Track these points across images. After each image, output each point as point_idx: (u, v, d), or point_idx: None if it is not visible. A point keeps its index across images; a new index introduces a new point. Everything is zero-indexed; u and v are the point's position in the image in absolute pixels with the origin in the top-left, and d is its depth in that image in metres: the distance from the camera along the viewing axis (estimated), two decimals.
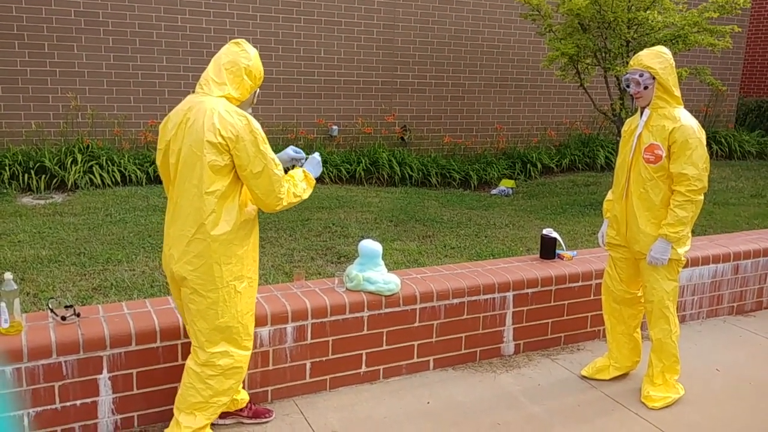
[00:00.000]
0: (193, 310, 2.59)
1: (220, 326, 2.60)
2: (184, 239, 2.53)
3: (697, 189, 3.13)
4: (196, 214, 2.51)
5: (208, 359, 2.62)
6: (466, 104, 10.33)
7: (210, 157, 2.46)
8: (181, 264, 2.55)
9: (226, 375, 2.66)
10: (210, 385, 2.64)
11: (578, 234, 6.41)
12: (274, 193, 2.56)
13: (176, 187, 2.56)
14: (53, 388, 2.75)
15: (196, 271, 2.54)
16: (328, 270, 5.00)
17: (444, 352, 3.68)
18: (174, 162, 2.56)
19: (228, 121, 2.46)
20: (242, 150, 2.47)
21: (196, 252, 2.52)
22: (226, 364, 2.64)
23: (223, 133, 2.45)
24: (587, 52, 8.03)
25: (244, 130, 2.47)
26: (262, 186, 2.53)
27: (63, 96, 8.02)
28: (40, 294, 4.25)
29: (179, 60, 8.48)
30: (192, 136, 2.48)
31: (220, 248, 2.53)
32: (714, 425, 3.20)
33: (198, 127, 2.46)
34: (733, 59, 12.54)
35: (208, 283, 2.55)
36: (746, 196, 8.62)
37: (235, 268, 2.59)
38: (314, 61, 9.18)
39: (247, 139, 2.48)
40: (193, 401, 2.64)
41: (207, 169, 2.46)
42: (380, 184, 8.67)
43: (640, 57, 3.19)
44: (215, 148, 2.46)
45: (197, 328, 2.61)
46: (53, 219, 6.13)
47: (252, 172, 2.50)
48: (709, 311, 4.59)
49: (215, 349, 2.62)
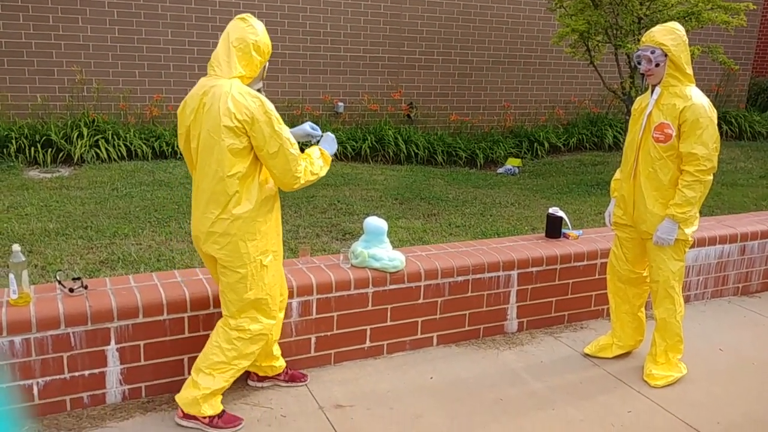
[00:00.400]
0: (224, 283, 2.72)
1: (249, 298, 2.71)
2: (208, 221, 2.63)
3: (706, 169, 3.10)
4: (218, 197, 2.59)
5: (238, 324, 2.74)
6: (474, 81, 10.24)
7: (228, 141, 2.52)
8: (208, 244, 2.67)
9: (253, 340, 2.77)
10: (236, 347, 2.74)
11: (584, 213, 6.39)
12: (290, 171, 2.62)
13: (198, 171, 2.65)
14: (62, 358, 2.78)
15: (223, 250, 2.64)
16: (333, 246, 5.02)
17: (448, 328, 3.70)
18: (195, 146, 2.64)
19: (242, 103, 2.50)
20: (258, 131, 2.52)
21: (221, 231, 2.62)
22: (255, 330, 2.76)
23: (238, 117, 2.50)
24: (598, 28, 7.91)
25: (258, 111, 2.52)
26: (279, 165, 2.59)
27: (68, 69, 7.99)
28: (47, 266, 4.29)
29: (184, 34, 8.41)
30: (209, 121, 2.53)
31: (243, 225, 2.62)
32: (715, 404, 3.22)
33: (214, 112, 2.51)
34: (747, 38, 12.35)
35: (236, 259, 2.65)
36: (755, 177, 8.56)
37: (260, 243, 2.68)
38: (320, 36, 9.10)
39: (262, 120, 2.52)
40: (216, 360, 2.73)
41: (227, 153, 2.53)
42: (386, 162, 8.64)
43: (652, 33, 3.14)
44: (232, 131, 2.51)
45: (228, 299, 2.73)
46: (60, 192, 6.15)
47: (269, 152, 2.56)
48: (714, 291, 4.59)
49: (245, 315, 2.74)
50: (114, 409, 2.91)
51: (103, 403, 2.92)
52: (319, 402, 3.08)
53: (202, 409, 2.74)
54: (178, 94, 8.52)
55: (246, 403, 3.03)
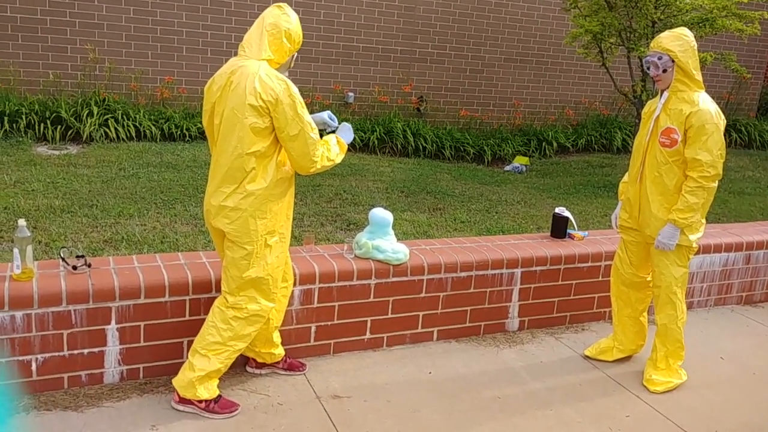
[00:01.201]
0: (229, 258, 2.74)
1: (250, 276, 2.72)
2: (222, 195, 2.66)
3: (710, 176, 3.08)
4: (235, 173, 2.63)
5: (236, 302, 2.75)
6: (485, 78, 10.19)
7: (251, 120, 2.57)
8: (219, 218, 2.69)
9: (249, 321, 2.78)
10: (232, 327, 2.75)
11: (590, 215, 6.37)
12: (308, 155, 2.67)
13: (218, 147, 2.68)
14: (62, 335, 2.79)
15: (233, 224, 2.66)
16: (338, 236, 5.01)
17: (448, 324, 3.70)
18: (218, 123, 2.67)
19: (268, 84, 2.56)
20: (281, 113, 2.58)
21: (232, 206, 2.65)
22: (252, 310, 2.77)
23: (263, 97, 2.55)
24: (612, 30, 7.86)
25: (283, 93, 2.57)
26: (297, 148, 2.64)
27: (81, 47, 7.98)
28: (51, 243, 4.29)
29: (198, 17, 8.39)
30: (235, 99, 2.58)
31: (255, 202, 2.65)
32: (714, 412, 3.21)
33: (240, 90, 2.57)
34: (760, 47, 12.25)
35: (244, 235, 2.68)
36: (763, 186, 8.51)
37: (270, 222, 2.71)
38: (334, 26, 9.06)
39: (286, 103, 2.58)
40: (212, 341, 2.74)
41: (248, 131, 2.58)
42: (393, 154, 8.62)
43: (660, 39, 3.13)
44: (256, 110, 2.57)
45: (230, 274, 2.75)
46: (67, 170, 6.16)
47: (289, 135, 2.61)
48: (717, 299, 4.57)
49: (244, 293, 2.75)
50: (111, 389, 2.91)
51: (101, 382, 2.93)
52: (316, 392, 3.09)
53: (198, 392, 2.75)
54: (190, 77, 8.51)
55: (243, 389, 3.03)
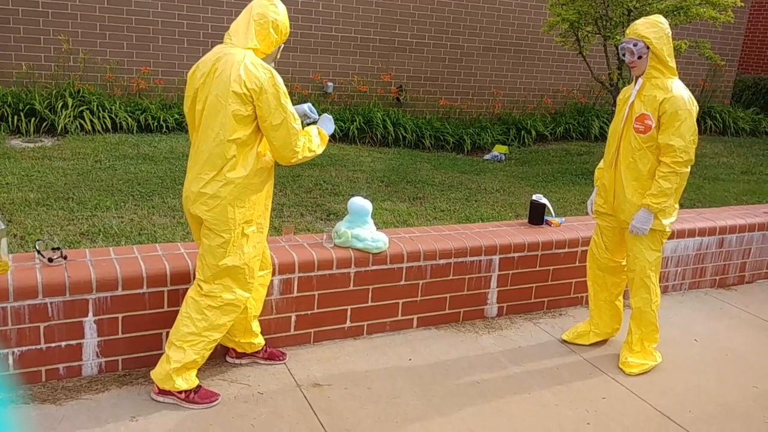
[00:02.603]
0: (205, 245, 2.73)
1: (226, 264, 2.72)
2: (201, 182, 2.66)
3: (682, 161, 3.14)
4: (216, 159, 2.63)
5: (211, 290, 2.74)
6: (464, 67, 10.21)
7: (234, 107, 2.58)
8: (197, 205, 2.68)
9: (224, 310, 2.77)
10: (206, 317, 2.74)
11: (568, 202, 6.44)
12: (290, 145, 2.68)
13: (200, 133, 2.68)
14: (38, 328, 2.77)
15: (211, 212, 2.66)
16: (317, 226, 5.01)
17: (428, 311, 3.73)
18: (200, 109, 2.68)
19: (253, 73, 2.57)
20: (264, 102, 2.59)
21: (211, 193, 2.65)
22: (227, 299, 2.76)
23: (248, 85, 2.56)
24: (588, 19, 7.92)
25: (268, 83, 2.58)
26: (279, 138, 2.65)
27: (55, 38, 7.84)
28: (27, 237, 4.24)
29: (174, 7, 8.28)
30: (219, 86, 2.59)
31: (235, 191, 2.65)
32: (688, 393, 3.29)
33: (225, 77, 2.58)
34: (734, 34, 12.42)
35: (222, 223, 2.68)
36: (737, 172, 8.66)
37: (248, 212, 2.72)
38: (312, 16, 9.01)
39: (270, 92, 2.59)
40: (186, 331, 2.73)
41: (230, 118, 2.59)
42: (373, 144, 8.62)
43: (635, 26, 3.17)
44: (239, 98, 2.57)
45: (205, 262, 2.74)
46: (42, 163, 6.07)
47: (272, 124, 2.62)
48: (692, 283, 4.66)
49: (219, 281, 2.74)
50: (90, 381, 2.90)
51: (79, 375, 2.91)
52: (297, 380, 3.10)
53: (176, 383, 2.74)
54: (166, 67, 8.41)
55: (223, 379, 3.04)
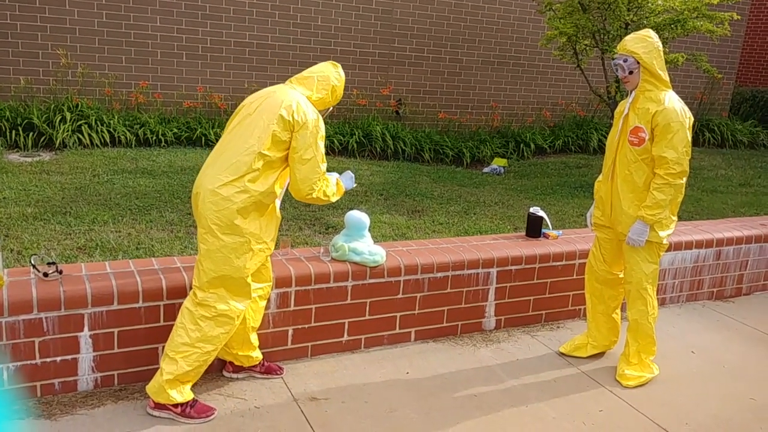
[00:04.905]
0: (203, 250, 2.75)
1: (224, 271, 2.73)
2: (218, 181, 2.72)
3: (676, 173, 3.15)
4: (240, 166, 2.72)
5: (205, 298, 2.75)
6: (463, 80, 10.26)
7: (275, 128, 2.75)
8: (206, 203, 2.72)
9: (218, 321, 2.77)
10: (200, 327, 2.74)
11: (566, 215, 6.44)
12: (310, 182, 2.84)
13: (230, 140, 2.79)
14: (33, 343, 2.76)
15: (219, 212, 2.70)
16: (316, 240, 5.01)
17: (426, 324, 3.72)
18: (240, 119, 2.83)
19: (303, 108, 2.81)
20: (302, 136, 2.78)
21: (225, 195, 2.70)
22: (221, 309, 2.76)
23: (294, 116, 2.77)
24: (586, 32, 7.96)
25: (312, 122, 2.81)
26: (304, 171, 2.82)
27: (53, 52, 7.89)
28: (24, 251, 4.23)
29: (173, 21, 8.34)
30: (269, 106, 2.79)
31: (247, 200, 2.73)
32: (685, 405, 3.27)
33: (277, 102, 2.79)
34: (731, 47, 12.49)
35: (225, 227, 2.71)
36: (735, 184, 8.67)
37: (252, 225, 2.77)
38: (311, 29, 9.07)
39: (310, 130, 2.79)
40: (179, 341, 2.73)
41: (269, 136, 2.75)
42: (372, 158, 8.64)
43: (624, 42, 3.22)
44: (283, 123, 2.76)
45: (202, 267, 2.75)
46: (40, 177, 6.08)
47: (302, 157, 2.80)
48: (689, 295, 4.65)
49: (213, 290, 2.75)
50: (85, 396, 2.89)
51: (75, 390, 2.90)
52: (294, 394, 3.08)
53: (170, 396, 2.73)
54: (165, 81, 8.45)
55: (220, 393, 3.02)
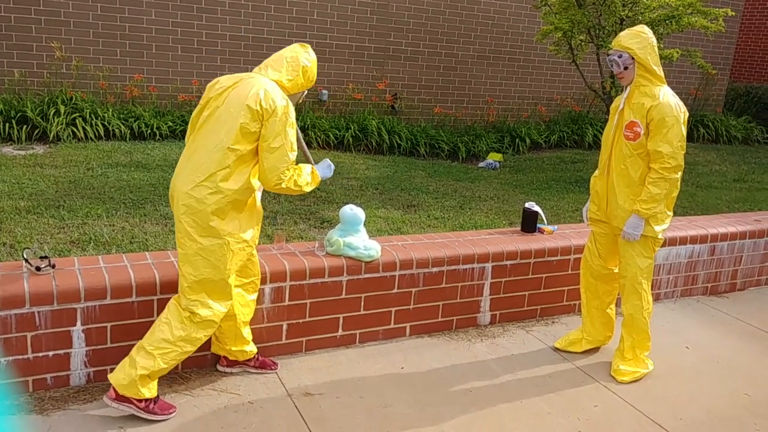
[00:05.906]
0: (181, 255, 2.71)
1: (204, 275, 2.69)
2: (191, 183, 2.67)
3: (670, 167, 3.15)
4: (211, 165, 2.66)
5: (188, 305, 2.72)
6: (458, 75, 10.24)
7: (243, 120, 2.66)
8: (179, 205, 2.68)
9: (201, 325, 2.74)
10: (185, 326, 2.72)
11: (561, 210, 6.44)
12: (278, 170, 2.73)
13: (200, 137, 2.72)
14: (25, 338, 2.74)
15: (194, 215, 2.66)
16: (311, 234, 5.00)
17: (421, 319, 3.71)
18: (207, 115, 2.74)
19: (271, 96, 2.70)
20: (271, 124, 2.69)
21: (198, 197, 2.64)
22: (204, 315, 2.73)
23: (263, 104, 2.67)
24: (581, 28, 7.96)
25: (281, 109, 2.70)
26: (271, 160, 2.72)
27: (47, 45, 7.83)
28: (16, 245, 4.21)
29: (167, 14, 8.29)
30: (235, 99, 2.69)
31: (221, 201, 2.66)
32: (679, 400, 3.28)
33: (243, 93, 2.69)
34: (726, 43, 12.51)
35: (202, 229, 2.66)
36: (729, 180, 8.69)
37: (230, 225, 2.71)
38: (306, 23, 9.02)
39: (279, 118, 2.69)
40: (161, 337, 2.69)
41: (237, 129, 2.66)
42: (368, 152, 8.62)
43: (619, 38, 3.22)
44: (251, 113, 2.66)
45: (183, 272, 2.72)
46: (33, 170, 6.04)
47: (269, 146, 2.71)
48: (684, 290, 4.66)
49: (195, 296, 2.71)
50: (78, 391, 2.87)
51: (67, 385, 2.88)
52: (288, 389, 3.08)
53: (140, 391, 2.66)
54: (160, 74, 8.40)
55: (213, 388, 3.01)
